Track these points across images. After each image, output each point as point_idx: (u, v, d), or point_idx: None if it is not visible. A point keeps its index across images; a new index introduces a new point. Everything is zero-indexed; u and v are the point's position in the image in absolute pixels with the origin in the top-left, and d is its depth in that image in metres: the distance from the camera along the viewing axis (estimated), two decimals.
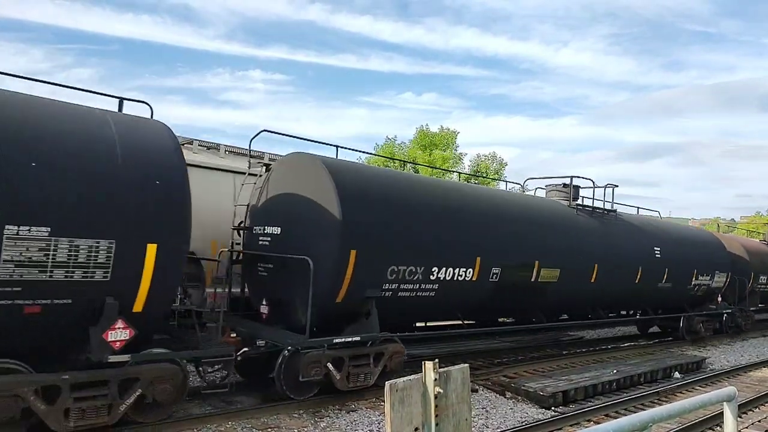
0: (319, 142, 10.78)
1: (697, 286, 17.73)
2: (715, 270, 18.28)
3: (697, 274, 17.49)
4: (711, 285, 18.34)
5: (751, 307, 20.99)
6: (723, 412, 5.66)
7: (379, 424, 8.14)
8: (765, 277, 22.01)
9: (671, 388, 11.09)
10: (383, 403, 7.12)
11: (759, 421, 9.29)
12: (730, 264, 19.09)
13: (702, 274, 17.69)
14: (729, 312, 19.24)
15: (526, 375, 11.44)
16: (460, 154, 44.83)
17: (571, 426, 8.48)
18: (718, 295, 19.07)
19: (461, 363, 4.59)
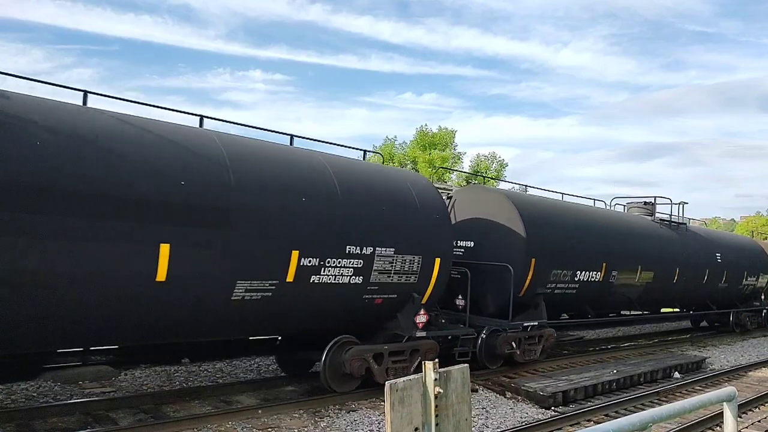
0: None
1: (746, 286, 20.91)
2: (759, 272, 21.54)
3: (747, 276, 20.66)
4: (756, 285, 21.53)
5: None
6: (723, 412, 5.66)
7: (379, 424, 8.14)
8: None
9: (671, 388, 11.08)
10: (383, 403, 7.12)
11: (759, 421, 9.29)
12: None
13: (750, 276, 20.89)
14: None
15: (526, 375, 11.44)
16: (459, 153, 44.85)
17: (571, 426, 8.47)
18: (762, 293, 22.37)
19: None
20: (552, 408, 9.70)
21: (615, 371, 11.94)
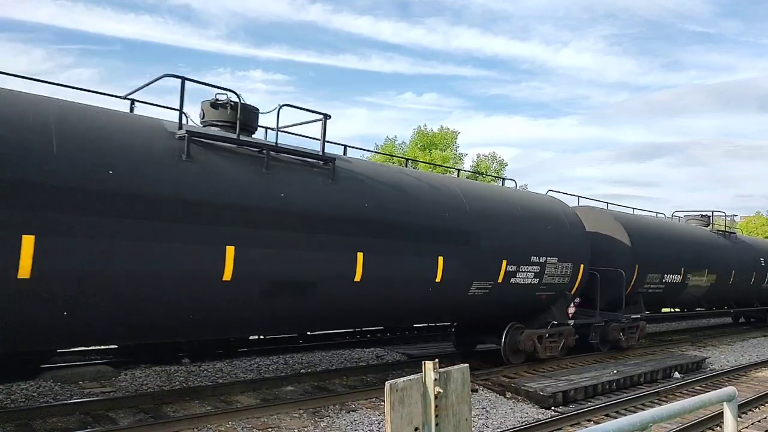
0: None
1: None
2: None
3: None
4: None
5: None
6: (723, 412, 5.66)
7: (379, 424, 8.14)
8: None
9: (671, 388, 11.08)
10: (383, 403, 7.12)
11: (759, 421, 9.28)
12: None
13: None
14: None
15: (526, 375, 11.44)
16: (461, 154, 44.81)
17: (571, 426, 8.47)
18: None
19: (461, 363, 4.58)
20: (552, 408, 9.69)
21: (615, 371, 11.94)
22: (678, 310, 22.10)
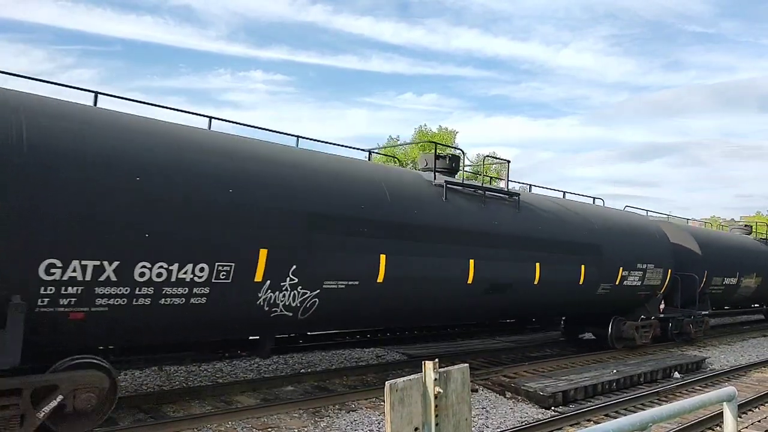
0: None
1: None
2: None
3: None
4: None
5: None
6: (723, 412, 5.66)
7: (379, 424, 8.14)
8: None
9: (671, 388, 11.08)
10: (383, 403, 7.12)
11: (759, 421, 9.28)
12: None
13: None
14: None
15: (526, 375, 11.44)
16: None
17: (571, 426, 8.47)
18: None
19: (461, 363, 4.59)
20: (552, 408, 9.69)
21: (615, 371, 11.94)
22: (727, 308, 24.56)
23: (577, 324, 15.99)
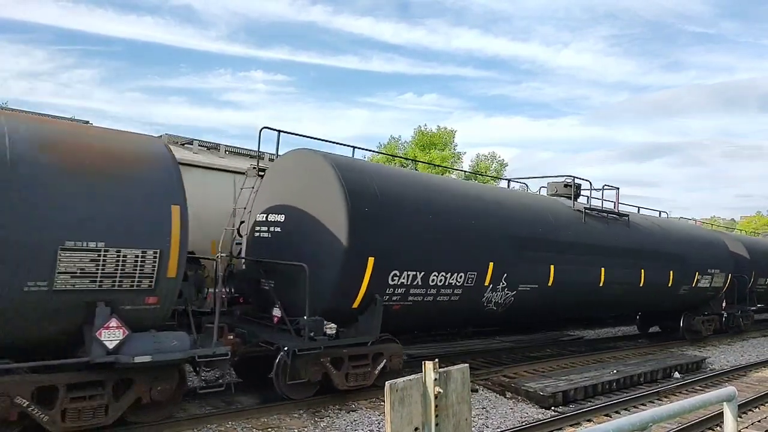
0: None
1: None
2: None
3: None
4: None
5: None
6: (723, 412, 5.66)
7: (379, 424, 8.14)
8: None
9: (671, 388, 11.08)
10: (383, 403, 7.12)
11: (759, 421, 9.28)
12: None
13: None
14: None
15: (526, 375, 11.44)
16: (459, 153, 44.82)
17: (571, 426, 8.47)
18: None
19: (461, 363, 4.58)
20: (552, 408, 9.69)
21: (615, 371, 11.93)
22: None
23: (650, 319, 19.45)
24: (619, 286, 14.07)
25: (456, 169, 39.40)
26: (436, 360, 4.09)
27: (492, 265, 10.48)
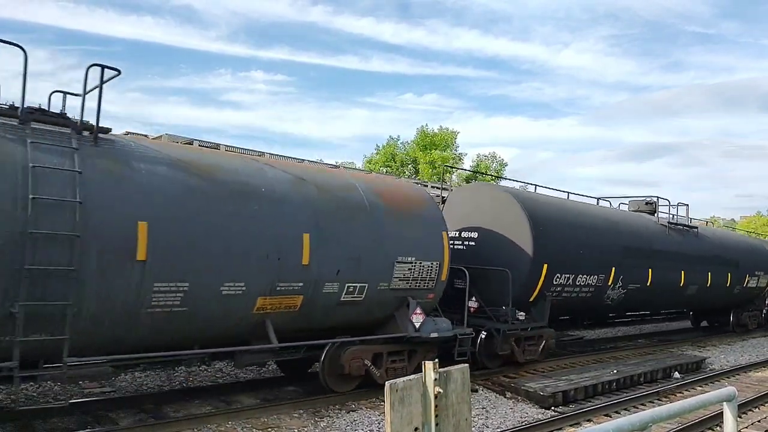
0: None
1: None
2: None
3: None
4: None
5: None
6: (723, 412, 5.66)
7: (379, 424, 8.14)
8: None
9: (671, 388, 11.08)
10: (383, 403, 7.12)
11: (759, 421, 9.28)
12: None
13: None
14: None
15: (526, 375, 11.44)
16: (460, 154, 44.81)
17: (571, 426, 8.47)
18: None
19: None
20: (552, 408, 9.69)
21: (615, 371, 11.94)
22: None
23: (702, 315, 22.55)
24: (693, 286, 17.17)
25: (457, 168, 39.44)
26: (436, 360, 4.09)
27: (613, 270, 13.72)
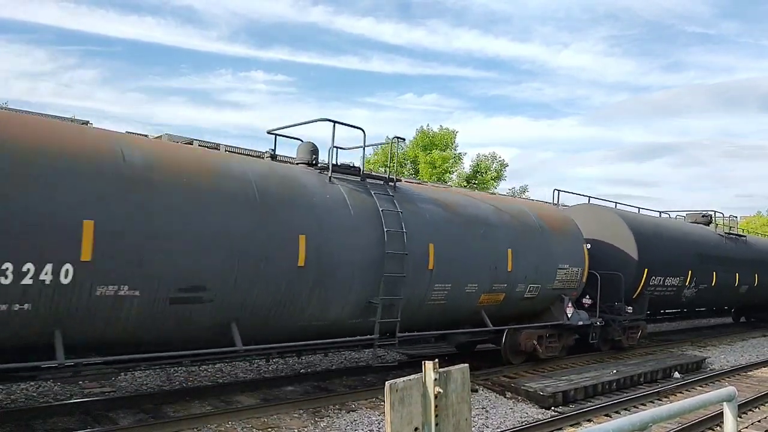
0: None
1: None
2: None
3: None
4: None
5: None
6: (723, 412, 5.66)
7: (379, 424, 8.14)
8: None
9: (671, 388, 11.08)
10: (383, 403, 7.12)
11: (759, 421, 9.28)
12: None
13: None
14: None
15: (526, 375, 11.44)
16: (460, 153, 44.77)
17: (571, 426, 8.47)
18: None
19: (461, 363, 4.58)
20: (552, 408, 9.69)
21: (615, 371, 11.94)
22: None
23: (742, 312, 25.30)
24: (745, 285, 20.19)
25: (455, 171, 39.44)
26: (436, 360, 4.09)
27: (690, 272, 16.81)
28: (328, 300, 8.48)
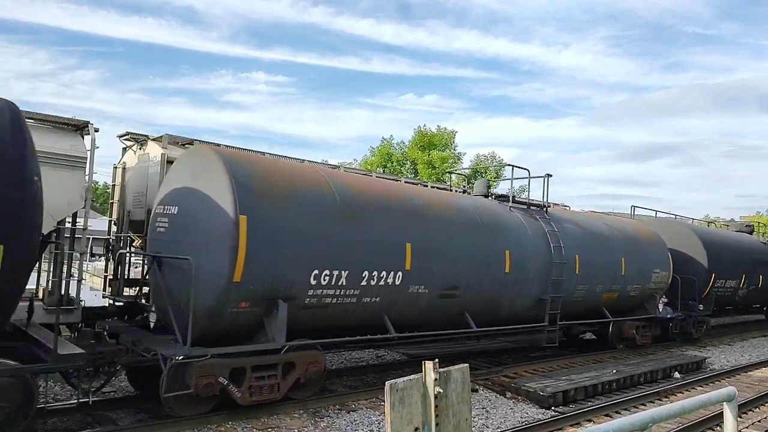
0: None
1: None
2: None
3: None
4: None
5: None
6: (723, 412, 5.66)
7: (379, 424, 8.14)
8: None
9: (671, 388, 11.08)
10: (383, 403, 7.12)
11: (759, 421, 9.28)
12: None
13: None
14: None
15: (526, 375, 11.44)
16: (459, 153, 44.68)
17: (571, 426, 8.47)
18: None
19: (461, 363, 4.58)
20: (552, 408, 9.69)
21: (615, 371, 11.94)
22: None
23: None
24: None
25: (455, 171, 39.35)
26: (436, 360, 4.09)
27: (744, 275, 19.84)
28: (520, 296, 11.85)
